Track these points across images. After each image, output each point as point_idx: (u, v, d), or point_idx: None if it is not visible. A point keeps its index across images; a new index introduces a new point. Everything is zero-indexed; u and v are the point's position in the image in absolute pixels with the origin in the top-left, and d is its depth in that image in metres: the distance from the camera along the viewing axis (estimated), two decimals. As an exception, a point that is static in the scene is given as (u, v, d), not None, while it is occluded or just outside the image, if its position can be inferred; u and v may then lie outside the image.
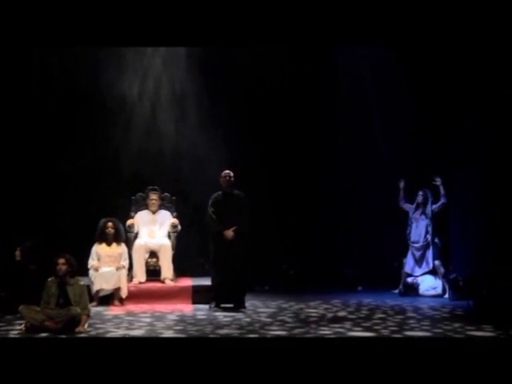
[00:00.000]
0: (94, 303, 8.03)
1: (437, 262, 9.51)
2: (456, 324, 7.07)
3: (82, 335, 6.44)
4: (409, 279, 9.60)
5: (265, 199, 10.00)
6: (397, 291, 9.60)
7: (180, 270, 9.05)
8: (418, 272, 9.59)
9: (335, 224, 10.42)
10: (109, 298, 8.28)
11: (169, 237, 9.02)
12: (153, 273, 8.87)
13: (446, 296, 9.19)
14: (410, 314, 7.82)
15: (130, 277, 8.66)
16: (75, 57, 9.73)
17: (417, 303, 8.71)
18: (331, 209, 10.46)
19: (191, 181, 10.04)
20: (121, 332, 6.59)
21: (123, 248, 8.60)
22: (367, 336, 6.48)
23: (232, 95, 10.25)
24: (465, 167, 9.68)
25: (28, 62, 9.75)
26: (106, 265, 8.37)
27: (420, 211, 9.67)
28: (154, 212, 9.13)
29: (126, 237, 8.82)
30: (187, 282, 8.86)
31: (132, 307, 8.11)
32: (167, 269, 8.78)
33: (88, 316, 6.79)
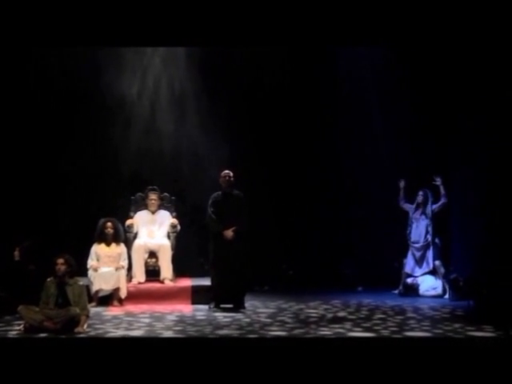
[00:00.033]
0: (93, 303, 8.01)
1: (437, 263, 9.49)
2: (456, 324, 7.05)
3: (81, 335, 6.42)
4: (408, 280, 9.57)
5: (264, 199, 9.99)
6: (397, 292, 9.58)
7: (179, 271, 9.03)
8: (419, 272, 9.57)
9: (335, 224, 10.41)
10: (108, 299, 8.27)
11: (168, 237, 9.00)
12: (152, 273, 8.85)
13: (447, 296, 9.17)
14: (410, 315, 7.80)
15: (130, 277, 8.64)
16: (75, 57, 9.71)
17: (417, 303, 8.69)
18: (331, 209, 10.44)
19: (191, 181, 10.03)
20: (120, 332, 6.57)
21: (122, 248, 8.58)
22: (367, 336, 6.46)
23: (232, 95, 10.23)
24: (465, 167, 9.68)
25: (27, 62, 9.73)
26: (105, 265, 8.36)
27: (420, 211, 9.66)
28: (154, 212, 9.11)
29: (126, 237, 8.80)
30: (187, 283, 8.84)
31: (131, 307, 8.09)
32: (166, 269, 8.76)
33: (87, 316, 6.77)
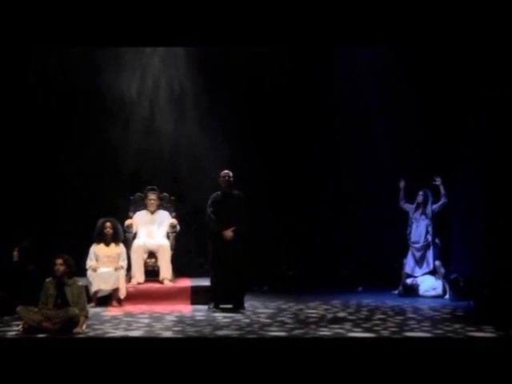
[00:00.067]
0: (92, 304, 7.98)
1: (437, 263, 9.46)
2: (456, 325, 7.04)
3: (80, 336, 6.39)
4: (408, 280, 9.54)
5: (264, 199, 9.97)
6: (396, 292, 9.56)
7: (179, 271, 9.01)
8: (419, 273, 9.55)
9: (335, 224, 10.39)
10: (107, 299, 8.24)
11: (167, 237, 8.98)
12: (151, 273, 8.83)
13: (447, 297, 9.15)
14: (410, 315, 7.78)
15: (129, 277, 8.62)
16: (74, 56, 9.69)
17: (417, 304, 8.68)
18: (331, 209, 10.42)
19: (190, 181, 10.01)
20: (119, 333, 6.55)
21: (121, 248, 8.56)
22: (367, 337, 6.44)
23: (231, 95, 10.21)
24: (465, 167, 9.66)
25: (27, 62, 9.71)
26: (105, 265, 8.33)
27: (420, 211, 9.64)
28: (153, 212, 9.09)
29: (125, 237, 8.77)
30: (186, 283, 8.82)
31: (130, 308, 8.07)
32: (166, 269, 8.73)
33: (86, 317, 6.75)
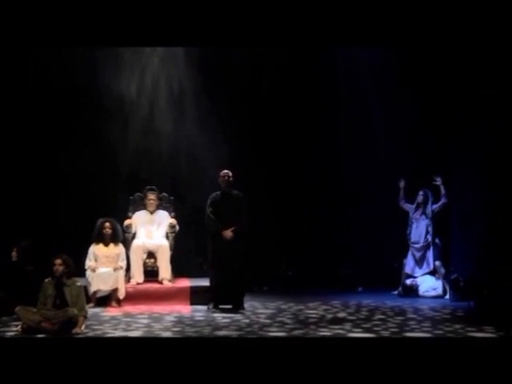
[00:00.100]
0: (91, 304, 7.96)
1: (437, 263, 9.44)
2: (457, 325, 7.03)
3: (79, 336, 6.37)
4: (408, 281, 9.51)
5: (264, 199, 9.94)
6: (396, 292, 9.53)
7: (178, 271, 8.99)
8: (419, 273, 9.52)
9: (335, 224, 10.36)
10: (106, 299, 8.22)
11: (167, 237, 8.96)
12: (151, 273, 8.81)
13: (447, 297, 9.13)
14: (411, 315, 7.77)
15: (128, 277, 8.60)
16: (73, 56, 9.66)
17: (417, 304, 8.66)
18: (331, 209, 10.40)
19: (190, 181, 9.98)
20: (118, 333, 6.54)
21: (121, 248, 8.54)
22: (367, 337, 6.42)
23: (231, 94, 10.18)
24: (465, 167, 9.66)
25: (26, 62, 9.69)
26: (104, 265, 8.31)
27: (420, 211, 9.61)
28: (152, 212, 9.07)
29: (124, 237, 8.76)
30: (185, 283, 8.80)
31: (129, 308, 8.06)
32: (165, 269, 8.71)
33: (85, 317, 6.75)
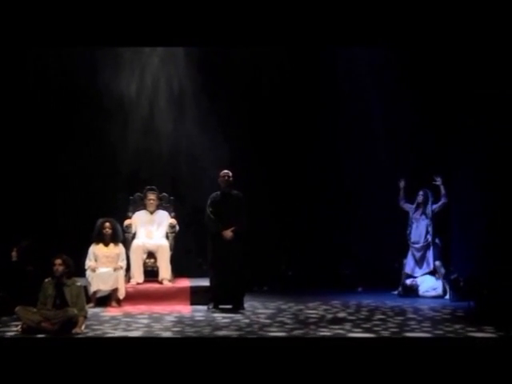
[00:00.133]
0: (91, 304, 7.95)
1: (437, 263, 9.43)
2: (457, 325, 7.03)
3: (79, 336, 6.37)
4: (407, 281, 9.50)
5: (264, 199, 9.94)
6: (396, 293, 9.52)
7: (178, 271, 8.98)
8: (419, 273, 9.51)
9: (335, 224, 10.35)
10: (106, 299, 8.21)
11: (167, 237, 8.95)
12: (151, 273, 8.80)
13: (447, 297, 9.12)
14: (411, 316, 7.77)
15: (128, 278, 8.59)
16: (73, 56, 9.66)
17: (417, 304, 8.65)
18: (331, 209, 10.39)
19: (189, 181, 9.97)
20: (118, 333, 6.53)
21: (121, 248, 8.53)
22: (367, 337, 6.42)
23: (231, 94, 10.17)
24: (465, 167, 9.65)
25: (26, 62, 9.68)
26: (104, 265, 8.30)
27: (420, 211, 9.60)
28: (152, 212, 9.06)
29: (124, 237, 8.75)
30: (185, 283, 8.79)
31: (129, 308, 8.05)
32: (165, 269, 8.71)
33: (85, 317, 6.74)
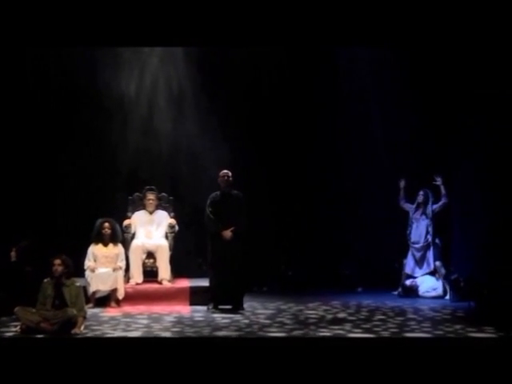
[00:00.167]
0: (91, 304, 7.94)
1: (438, 263, 9.42)
2: (457, 326, 7.02)
3: (78, 336, 6.36)
4: (407, 282, 9.48)
5: (263, 199, 9.92)
6: (396, 293, 9.51)
7: (177, 271, 8.97)
8: (419, 273, 9.49)
9: (335, 224, 10.33)
10: (105, 300, 8.20)
11: (166, 237, 8.94)
12: (150, 274, 8.79)
13: (447, 297, 9.10)
14: (411, 316, 7.76)
15: (127, 278, 8.58)
16: (73, 56, 9.64)
17: (417, 304, 8.64)
18: (331, 209, 10.38)
19: (189, 180, 9.95)
20: (117, 334, 6.53)
21: (120, 249, 8.52)
22: (367, 337, 6.40)
23: (231, 94, 10.16)
24: (465, 167, 9.63)
25: (25, 62, 9.67)
26: (103, 266, 8.29)
27: (420, 211, 9.59)
28: (151, 212, 9.05)
29: (123, 237, 8.74)
30: (185, 283, 8.78)
31: (129, 309, 8.04)
32: (164, 270, 8.69)
33: (84, 318, 6.73)
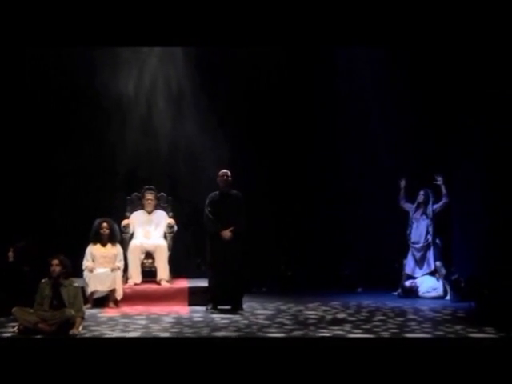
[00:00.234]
0: (89, 305, 7.92)
1: (438, 263, 9.40)
2: (457, 326, 7.02)
3: (76, 337, 6.34)
4: (407, 283, 9.45)
5: (263, 199, 9.91)
6: (396, 293, 9.48)
7: (176, 271, 8.95)
8: (419, 273, 9.47)
9: (335, 224, 10.32)
10: (104, 300, 8.17)
11: (165, 237, 8.92)
12: (148, 274, 8.76)
13: (448, 297, 9.08)
14: (411, 316, 7.74)
15: (126, 278, 8.56)
16: (72, 56, 9.62)
17: (417, 305, 8.62)
18: (331, 209, 10.36)
19: (188, 180, 9.94)
20: (116, 334, 6.51)
21: (118, 249, 8.50)
22: (367, 337, 6.38)
23: (230, 94, 10.14)
24: (465, 167, 9.62)
25: (24, 62, 9.65)
26: (101, 266, 8.26)
27: (421, 211, 9.57)
28: (150, 212, 9.02)
29: (122, 237, 8.72)
30: (183, 284, 8.76)
31: (127, 309, 8.02)
32: (163, 270, 8.66)
33: (82, 318, 6.71)
